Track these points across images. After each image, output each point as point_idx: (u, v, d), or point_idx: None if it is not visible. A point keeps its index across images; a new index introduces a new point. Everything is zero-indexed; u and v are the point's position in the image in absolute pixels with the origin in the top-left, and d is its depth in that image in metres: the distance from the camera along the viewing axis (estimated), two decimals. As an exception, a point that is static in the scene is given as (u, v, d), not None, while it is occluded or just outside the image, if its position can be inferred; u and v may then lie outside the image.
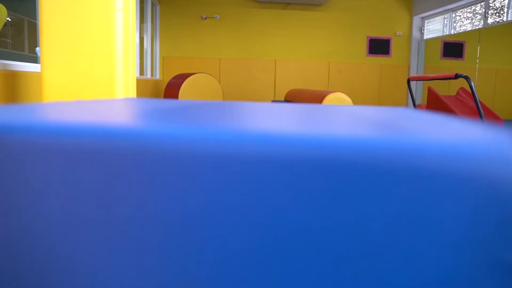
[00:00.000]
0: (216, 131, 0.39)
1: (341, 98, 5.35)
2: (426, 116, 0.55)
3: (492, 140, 0.33)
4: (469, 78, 3.18)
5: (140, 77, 8.05)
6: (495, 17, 9.13)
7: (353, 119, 0.54)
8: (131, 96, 2.52)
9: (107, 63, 2.28)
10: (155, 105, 0.83)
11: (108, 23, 2.27)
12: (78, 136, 0.41)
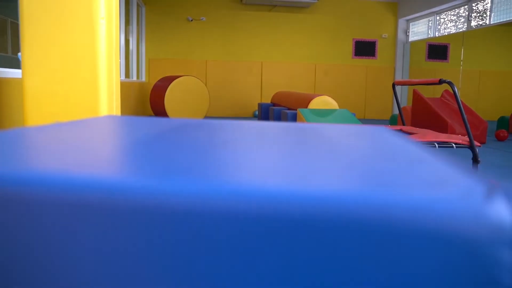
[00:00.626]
0: (192, 184, 0.39)
1: (326, 101, 5.37)
2: (399, 153, 0.55)
3: (465, 195, 0.32)
4: (452, 83, 3.21)
5: (125, 79, 7.99)
6: (478, 20, 9.25)
7: (321, 158, 0.53)
8: (115, 103, 2.49)
9: (90, 71, 2.26)
10: (130, 132, 0.82)
11: (91, 31, 2.24)
12: (48, 186, 0.40)
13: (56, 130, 0.71)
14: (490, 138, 7.48)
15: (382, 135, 0.73)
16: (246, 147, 0.59)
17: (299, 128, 0.89)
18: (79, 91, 2.27)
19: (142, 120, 0.94)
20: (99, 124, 0.81)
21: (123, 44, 8.06)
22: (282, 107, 6.49)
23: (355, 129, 0.83)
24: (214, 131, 0.75)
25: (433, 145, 3.21)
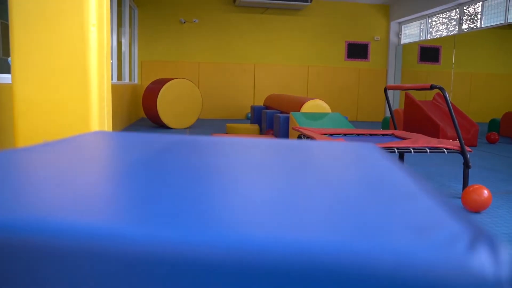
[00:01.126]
0: (175, 233, 0.38)
1: (319, 105, 5.38)
2: (384, 184, 0.55)
3: (447, 244, 0.32)
4: (443, 89, 3.24)
5: (117, 82, 7.95)
6: (470, 23, 9.31)
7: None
8: (106, 109, 2.48)
9: (81, 79, 2.25)
10: (116, 158, 0.81)
11: (82, 38, 2.23)
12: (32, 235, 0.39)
13: (40, 156, 0.70)
14: (481, 140, 7.53)
15: (368, 158, 0.73)
16: (232, 180, 0.59)
17: (285, 152, 0.88)
18: (70, 99, 2.25)
19: (130, 139, 0.94)
20: (86, 146, 0.80)
21: (115, 46, 8.03)
22: (274, 110, 6.49)
23: (342, 149, 0.83)
24: (201, 155, 0.75)
25: (425, 150, 3.22)
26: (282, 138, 5.35)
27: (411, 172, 0.62)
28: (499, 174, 4.43)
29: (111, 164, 0.68)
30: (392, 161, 0.68)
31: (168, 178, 0.63)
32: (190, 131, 7.66)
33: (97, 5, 2.30)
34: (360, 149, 0.80)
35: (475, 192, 2.95)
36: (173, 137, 0.96)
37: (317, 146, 0.84)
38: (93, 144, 0.82)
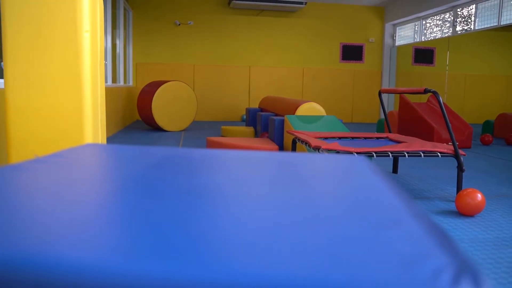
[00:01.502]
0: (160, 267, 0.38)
1: (314, 107, 5.38)
2: (371, 208, 0.55)
3: (430, 280, 0.32)
4: (437, 93, 3.25)
5: (112, 85, 7.93)
6: (463, 25, 9.35)
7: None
8: (100, 116, 2.47)
9: (74, 85, 2.24)
10: (106, 178, 0.81)
11: (75, 44, 2.22)
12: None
13: (30, 176, 0.70)
14: (475, 142, 7.56)
15: (358, 176, 0.73)
16: (218, 204, 0.59)
17: (273, 169, 0.88)
18: (63, 105, 2.24)
19: (121, 153, 0.93)
20: (77, 164, 0.80)
21: (110, 48, 8.01)
22: (269, 113, 6.49)
23: (333, 165, 0.83)
24: (191, 173, 0.75)
25: (419, 154, 3.24)
26: (277, 140, 5.36)
27: (400, 191, 0.62)
28: (493, 176, 4.45)
29: (100, 186, 0.67)
30: (382, 179, 0.68)
31: (157, 202, 0.63)
32: (185, 134, 7.65)
33: (91, 11, 2.30)
34: (351, 164, 0.80)
35: (469, 196, 2.96)
36: (164, 152, 0.96)
37: (308, 161, 0.84)
38: (84, 161, 0.81)
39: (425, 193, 3.64)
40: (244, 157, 0.93)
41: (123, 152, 0.96)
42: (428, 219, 0.49)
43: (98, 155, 0.90)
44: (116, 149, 0.98)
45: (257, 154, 0.95)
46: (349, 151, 3.07)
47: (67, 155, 0.88)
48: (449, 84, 10.61)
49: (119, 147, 1.01)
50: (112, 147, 1.02)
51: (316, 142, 3.30)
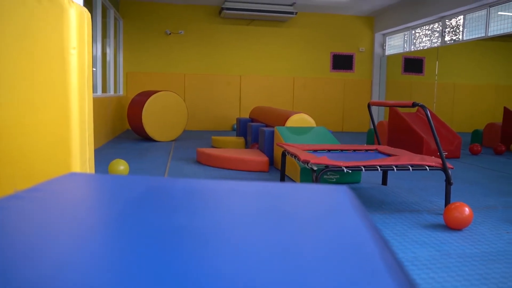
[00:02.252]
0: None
1: (304, 119, 5.40)
2: (343, 252, 0.55)
3: None
4: (425, 107, 3.28)
5: (102, 94, 7.90)
6: (452, 35, 9.45)
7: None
8: (87, 133, 2.46)
9: (61, 103, 2.23)
10: (88, 216, 0.81)
11: (62, 61, 2.21)
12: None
13: (8, 216, 0.69)
14: (464, 151, 7.62)
15: (335, 211, 0.73)
16: (195, 246, 0.58)
17: (250, 203, 0.88)
18: (50, 123, 2.23)
19: (105, 185, 0.93)
20: (58, 199, 0.79)
21: (99, 57, 7.99)
22: (260, 123, 6.50)
23: (312, 198, 0.83)
24: (173, 211, 0.74)
25: (407, 168, 3.25)
26: (267, 151, 5.36)
27: (377, 233, 0.62)
28: (481, 188, 4.48)
29: (77, 227, 0.67)
30: (361, 218, 0.68)
31: (136, 243, 0.63)
32: (176, 144, 7.63)
33: (78, 27, 2.29)
34: (330, 197, 0.80)
35: (457, 209, 2.98)
36: (147, 183, 0.95)
37: (288, 194, 0.85)
38: (63, 197, 0.81)
39: (413, 205, 3.66)
40: (224, 189, 0.93)
41: (105, 184, 0.95)
42: (403, 272, 0.49)
43: (79, 189, 0.89)
44: (99, 180, 0.97)
45: (237, 186, 0.95)
46: (338, 165, 3.08)
47: (47, 189, 0.87)
48: (438, 93, 10.71)
49: (102, 178, 1.00)
50: (95, 178, 1.02)
51: (305, 156, 3.31)
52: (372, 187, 4.36)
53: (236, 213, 0.70)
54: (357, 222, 0.65)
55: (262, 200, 0.82)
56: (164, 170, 5.05)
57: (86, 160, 2.46)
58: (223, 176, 4.76)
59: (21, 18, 2.17)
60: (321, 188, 0.87)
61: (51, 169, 2.23)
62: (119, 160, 4.46)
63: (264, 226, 0.67)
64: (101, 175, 1.03)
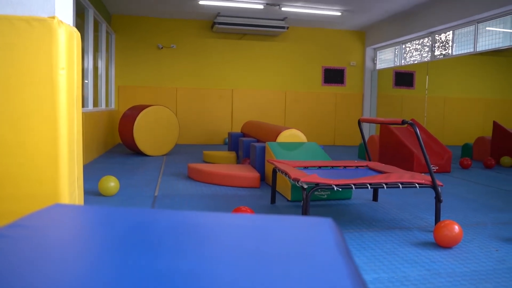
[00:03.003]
0: None
1: (295, 134, 5.41)
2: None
3: None
4: (414, 125, 3.30)
5: (94, 109, 7.88)
6: (441, 50, 9.56)
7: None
8: (76, 151, 2.44)
9: (49, 122, 2.21)
10: (68, 257, 0.80)
11: (50, 82, 2.20)
12: None
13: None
14: (454, 165, 7.66)
15: (316, 246, 0.73)
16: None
17: (233, 239, 0.88)
18: (38, 143, 2.21)
19: (89, 218, 0.92)
20: (39, 237, 0.79)
21: (91, 70, 7.98)
22: (251, 138, 6.51)
23: (294, 232, 0.83)
24: (155, 251, 0.74)
25: (397, 186, 3.26)
26: (258, 167, 5.36)
27: (355, 269, 0.62)
28: (471, 203, 4.50)
29: (57, 267, 0.66)
30: (343, 254, 0.68)
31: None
32: (167, 159, 7.61)
33: (67, 48, 2.29)
34: (314, 231, 0.80)
35: (446, 228, 2.99)
36: (133, 217, 0.95)
37: (271, 227, 0.84)
38: (46, 232, 0.80)
39: (404, 222, 3.66)
40: (208, 224, 0.92)
41: (89, 218, 0.95)
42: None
43: (62, 224, 0.88)
44: (83, 213, 0.97)
45: (222, 220, 0.95)
46: (328, 184, 3.08)
47: (30, 224, 0.87)
48: (428, 106, 10.80)
49: (86, 211, 0.99)
50: (80, 210, 1.01)
51: (296, 174, 3.31)
52: (363, 203, 4.36)
53: (219, 254, 0.70)
54: (336, 260, 0.65)
55: (246, 237, 0.82)
56: (155, 187, 5.03)
57: (75, 179, 2.44)
58: (214, 192, 4.74)
59: (9, 39, 2.17)
60: (306, 221, 0.87)
61: (39, 190, 2.22)
62: (109, 176, 4.43)
63: (246, 267, 0.67)
64: (85, 207, 1.02)
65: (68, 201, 2.30)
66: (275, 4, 8.93)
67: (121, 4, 9.31)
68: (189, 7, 9.36)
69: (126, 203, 4.12)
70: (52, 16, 2.23)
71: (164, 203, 4.16)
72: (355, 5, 9.01)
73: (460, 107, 11.98)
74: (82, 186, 2.61)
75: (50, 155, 2.24)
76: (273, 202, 4.25)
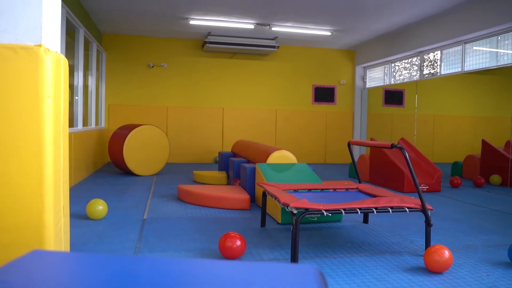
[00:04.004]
0: None
1: (285, 155, 5.40)
2: None
3: None
4: (403, 149, 3.30)
5: (83, 128, 7.83)
6: (430, 69, 9.67)
7: None
8: (62, 179, 2.41)
9: (35, 152, 2.18)
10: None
11: (36, 110, 2.18)
12: None
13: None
14: (445, 184, 7.69)
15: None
16: None
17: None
18: (24, 173, 2.18)
19: (68, 267, 0.89)
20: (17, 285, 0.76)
21: (81, 88, 7.95)
22: (242, 159, 6.49)
23: (278, 281, 0.81)
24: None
25: (387, 210, 3.25)
26: (249, 188, 5.33)
27: None
28: (461, 224, 4.50)
29: None
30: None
31: None
32: (157, 179, 7.55)
33: (54, 75, 2.27)
34: (298, 280, 0.78)
35: (437, 253, 2.97)
36: (114, 266, 0.92)
37: (255, 277, 0.82)
38: (25, 282, 0.77)
39: (394, 246, 3.65)
40: (190, 274, 0.90)
41: (68, 267, 0.92)
42: None
43: (39, 272, 0.85)
44: (62, 262, 0.94)
45: (206, 267, 0.93)
46: (317, 209, 3.06)
47: (6, 273, 0.84)
48: (418, 124, 10.87)
49: (67, 257, 0.97)
50: (60, 257, 0.98)
51: (285, 199, 3.29)
52: (353, 226, 4.34)
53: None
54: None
55: (228, 287, 0.80)
56: (144, 209, 4.97)
57: (61, 208, 2.40)
58: (203, 215, 4.70)
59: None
60: (290, 270, 0.85)
61: (23, 221, 2.17)
62: (97, 200, 4.38)
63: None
64: (65, 254, 0.99)
65: (53, 232, 2.26)
66: (265, 24, 9.00)
67: (112, 23, 9.33)
68: (180, 26, 9.40)
69: (113, 227, 4.06)
70: (39, 44, 2.22)
71: (152, 227, 4.11)
72: (344, 26, 9.11)
73: (450, 124, 12.07)
74: (68, 214, 2.57)
75: (36, 186, 2.20)
76: (263, 225, 4.22)
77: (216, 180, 6.88)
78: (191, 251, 3.38)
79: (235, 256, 3.15)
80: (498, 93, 11.97)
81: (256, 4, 7.60)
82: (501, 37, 7.31)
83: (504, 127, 8.50)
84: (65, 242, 2.51)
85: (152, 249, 3.38)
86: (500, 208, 5.50)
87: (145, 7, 7.99)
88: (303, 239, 3.78)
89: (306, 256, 3.30)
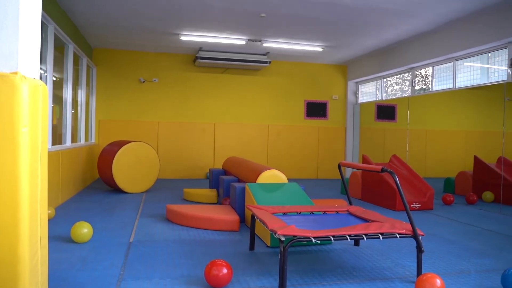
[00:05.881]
0: None
1: (275, 175, 5.32)
2: None
3: None
4: (393, 173, 3.24)
5: (72, 145, 7.71)
6: (422, 85, 9.67)
7: None
8: (39, 211, 2.31)
9: (9, 184, 2.09)
10: None
11: (12, 141, 2.09)
12: None
13: None
14: (437, 201, 7.63)
15: None
16: None
17: None
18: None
19: None
20: None
21: (70, 104, 7.85)
22: (232, 177, 6.40)
23: None
24: None
25: (377, 236, 3.18)
26: (238, 208, 5.23)
27: None
28: (453, 247, 4.42)
29: None
30: None
31: None
32: (146, 196, 7.43)
33: (31, 103, 2.19)
34: None
35: (428, 281, 2.89)
36: None
37: None
38: None
39: (385, 271, 3.56)
40: None
41: None
42: None
43: None
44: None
45: None
46: (306, 236, 2.98)
47: None
48: (411, 139, 10.84)
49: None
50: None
51: (273, 225, 3.21)
52: (344, 249, 4.25)
53: None
54: None
55: None
56: (131, 231, 4.86)
57: (38, 240, 2.30)
58: (191, 237, 4.60)
59: (-32, 96, 2.06)
60: None
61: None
62: (82, 222, 4.27)
63: None
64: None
65: (28, 267, 2.16)
66: (257, 40, 8.97)
67: (103, 38, 9.27)
68: (171, 41, 9.35)
69: (98, 251, 3.95)
70: (15, 72, 2.14)
71: (138, 252, 4.00)
72: (336, 42, 9.10)
73: (442, 139, 12.05)
74: (46, 246, 2.47)
75: (9, 218, 2.10)
76: (252, 249, 4.12)
77: (207, 198, 6.78)
78: (177, 278, 3.27)
79: (222, 284, 3.06)
80: (489, 108, 12.00)
81: (247, 21, 7.57)
82: (491, 54, 7.32)
83: (495, 142, 8.48)
84: (43, 275, 2.40)
85: (136, 277, 3.28)
86: (493, 228, 5.44)
87: (135, 23, 7.94)
88: (292, 264, 3.68)
89: (295, 283, 3.21)
